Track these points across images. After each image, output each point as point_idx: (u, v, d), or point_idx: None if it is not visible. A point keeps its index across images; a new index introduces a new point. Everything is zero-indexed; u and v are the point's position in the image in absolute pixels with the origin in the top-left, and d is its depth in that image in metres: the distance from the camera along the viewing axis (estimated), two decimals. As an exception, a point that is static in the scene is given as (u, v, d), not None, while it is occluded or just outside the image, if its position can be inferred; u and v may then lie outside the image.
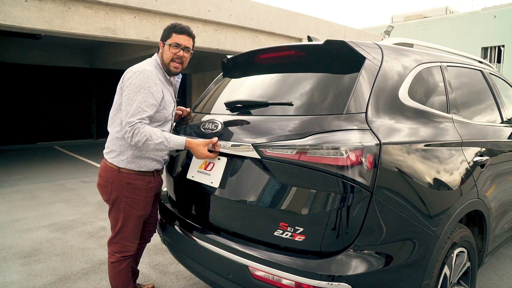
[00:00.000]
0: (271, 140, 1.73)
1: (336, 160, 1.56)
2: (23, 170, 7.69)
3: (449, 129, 2.12)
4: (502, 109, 2.90)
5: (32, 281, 2.95)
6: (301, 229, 1.62)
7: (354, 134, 1.60)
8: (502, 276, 3.09)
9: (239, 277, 1.77)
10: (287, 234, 1.65)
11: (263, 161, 1.75)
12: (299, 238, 1.62)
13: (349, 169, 1.55)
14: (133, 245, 2.26)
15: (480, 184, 2.23)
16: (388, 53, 1.97)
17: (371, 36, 13.20)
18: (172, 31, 2.14)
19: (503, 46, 19.50)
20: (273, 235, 1.69)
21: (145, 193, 2.19)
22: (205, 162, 2.08)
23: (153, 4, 7.40)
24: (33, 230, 4.11)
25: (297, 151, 1.64)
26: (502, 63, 19.46)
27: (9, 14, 5.89)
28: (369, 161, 1.57)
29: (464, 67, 2.66)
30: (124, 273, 2.26)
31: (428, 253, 1.78)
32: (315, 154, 1.60)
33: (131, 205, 2.16)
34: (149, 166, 2.17)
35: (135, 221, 2.21)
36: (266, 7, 9.72)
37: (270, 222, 1.71)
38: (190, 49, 2.19)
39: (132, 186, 2.14)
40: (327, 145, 1.59)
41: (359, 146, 1.57)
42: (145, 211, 2.24)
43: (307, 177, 1.63)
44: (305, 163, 1.62)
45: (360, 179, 1.55)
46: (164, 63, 2.16)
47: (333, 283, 1.51)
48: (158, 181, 2.30)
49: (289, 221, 1.65)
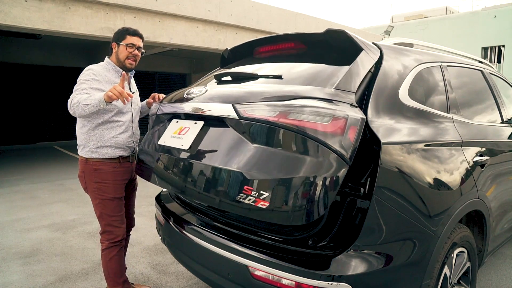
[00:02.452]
0: (253, 102, 1.71)
1: (319, 126, 1.53)
2: (23, 170, 7.69)
3: (449, 129, 2.12)
4: (502, 109, 2.90)
5: (32, 281, 2.95)
6: (266, 194, 1.50)
7: (340, 104, 1.59)
8: (502, 276, 3.09)
9: (239, 277, 1.77)
10: (249, 199, 1.53)
11: (240, 121, 1.70)
12: (262, 204, 1.50)
13: (330, 136, 1.51)
14: (118, 229, 2.44)
15: (480, 184, 2.22)
16: (388, 53, 1.97)
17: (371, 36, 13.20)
18: (126, 33, 2.43)
19: (503, 46, 19.49)
20: (235, 199, 1.57)
21: (112, 177, 2.40)
22: (180, 128, 2.05)
23: (153, 4, 7.40)
24: (33, 230, 4.11)
25: (279, 113, 1.59)
26: (502, 63, 19.46)
27: (9, 14, 5.89)
28: (352, 132, 1.54)
29: (464, 67, 2.66)
30: (115, 261, 2.42)
31: (428, 253, 1.78)
32: (297, 118, 1.56)
33: (102, 189, 2.38)
34: (112, 153, 2.40)
35: (111, 205, 2.40)
36: (266, 7, 9.72)
37: (235, 185, 1.60)
38: (141, 48, 2.49)
39: (99, 171, 2.38)
40: (311, 109, 1.56)
41: (343, 116, 1.55)
42: (116, 194, 2.42)
43: (283, 140, 1.58)
44: (285, 125, 1.57)
45: (340, 149, 1.50)
46: (120, 61, 2.44)
47: (333, 283, 1.51)
48: (126, 167, 2.49)
49: (255, 185, 1.54)
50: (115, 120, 2.39)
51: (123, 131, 2.43)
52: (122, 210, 2.48)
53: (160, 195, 2.68)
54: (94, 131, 2.37)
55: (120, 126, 2.42)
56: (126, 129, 2.45)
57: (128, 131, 2.46)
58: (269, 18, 9.68)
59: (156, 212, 2.57)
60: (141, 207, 4.95)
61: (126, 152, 2.47)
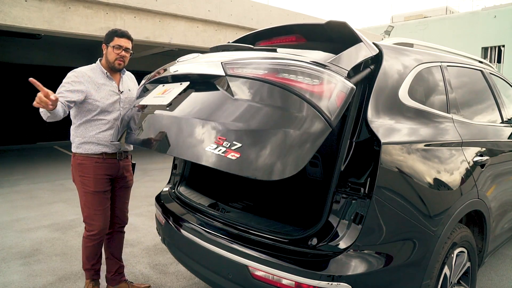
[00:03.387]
0: (243, 62, 1.69)
1: (307, 86, 1.51)
2: (23, 170, 7.69)
3: (449, 129, 2.12)
4: (502, 109, 2.90)
5: (32, 281, 2.95)
6: (238, 145, 1.43)
7: (332, 72, 1.57)
8: (502, 276, 3.09)
9: (239, 277, 1.77)
10: (220, 150, 1.45)
11: (225, 78, 1.67)
12: (233, 155, 1.42)
13: (317, 97, 1.48)
14: (96, 223, 2.54)
15: (480, 184, 2.23)
16: (388, 53, 1.97)
17: (371, 36, 13.19)
18: (114, 35, 2.52)
19: (503, 46, 19.48)
20: (204, 150, 1.49)
21: (93, 171, 2.51)
22: (165, 90, 2.02)
23: (153, 4, 7.40)
24: (33, 230, 4.11)
25: (268, 71, 1.57)
26: (502, 63, 19.45)
27: (9, 14, 5.89)
28: (339, 99, 1.52)
29: (464, 67, 2.66)
30: (90, 250, 2.59)
31: (428, 253, 1.78)
32: (286, 76, 1.53)
33: (84, 183, 2.52)
34: (95, 150, 2.52)
35: (92, 198, 2.52)
36: (266, 7, 9.72)
37: (207, 136, 1.54)
38: (129, 49, 2.59)
39: (82, 166, 2.53)
40: (302, 70, 1.54)
41: (333, 81, 1.54)
42: (97, 188, 2.52)
43: (268, 96, 1.53)
44: (273, 82, 1.53)
45: (325, 110, 1.47)
46: (109, 62, 2.55)
47: (333, 283, 1.51)
48: (108, 163, 2.56)
49: (228, 135, 1.48)
50: (99, 119, 2.52)
51: (106, 128, 2.53)
52: (104, 205, 2.57)
53: (160, 195, 2.68)
54: (79, 129, 2.54)
55: (104, 124, 2.53)
56: (111, 127, 2.54)
57: (112, 130, 2.55)
58: (269, 18, 9.68)
59: (156, 212, 2.58)
60: (141, 207, 4.95)
61: (110, 149, 2.56)
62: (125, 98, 2.63)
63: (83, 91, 2.43)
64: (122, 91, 2.62)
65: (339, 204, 1.65)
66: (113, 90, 2.57)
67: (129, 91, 2.68)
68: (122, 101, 2.61)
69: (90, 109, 2.50)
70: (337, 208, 1.64)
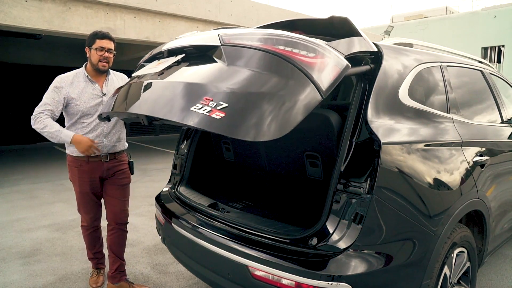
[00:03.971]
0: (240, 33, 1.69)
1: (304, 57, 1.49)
2: (23, 170, 7.69)
3: (449, 129, 2.12)
4: (502, 109, 2.90)
5: (32, 281, 2.95)
6: (224, 105, 1.39)
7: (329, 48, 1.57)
8: (502, 276, 3.09)
9: (239, 277, 1.77)
10: (205, 109, 1.41)
11: (221, 47, 1.66)
12: (217, 115, 1.38)
13: (312, 67, 1.47)
14: (87, 217, 2.77)
15: (480, 184, 2.23)
16: (388, 53, 1.97)
17: (371, 36, 13.19)
18: (96, 37, 2.56)
19: (503, 46, 19.48)
20: (189, 110, 1.45)
21: (78, 173, 2.64)
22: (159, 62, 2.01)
23: (153, 4, 7.40)
24: (33, 230, 4.11)
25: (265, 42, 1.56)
26: (502, 63, 19.45)
27: (9, 14, 5.89)
28: (333, 72, 1.50)
29: (464, 67, 2.66)
30: (87, 239, 2.85)
31: (428, 253, 1.78)
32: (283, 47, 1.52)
33: (73, 182, 2.71)
34: (77, 152, 2.57)
35: (79, 197, 2.71)
36: (266, 7, 9.72)
37: (194, 97, 1.50)
38: (112, 50, 2.62)
39: (70, 167, 2.69)
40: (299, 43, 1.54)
41: (329, 55, 1.53)
42: (82, 189, 2.66)
43: (261, 63, 1.52)
44: (269, 50, 1.52)
45: (317, 80, 1.45)
46: (93, 64, 2.60)
47: (333, 283, 1.51)
48: (94, 166, 2.63)
49: (216, 96, 1.45)
50: (81, 121, 2.59)
51: (88, 131, 2.58)
52: (90, 203, 2.73)
53: (160, 195, 2.69)
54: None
55: (86, 127, 2.58)
56: (93, 129, 2.59)
57: (95, 131, 2.60)
58: (269, 18, 9.68)
59: (156, 212, 2.58)
60: (141, 207, 4.95)
61: None
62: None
63: (64, 97, 2.53)
64: (105, 94, 2.63)
65: (339, 204, 1.65)
66: (96, 93, 2.61)
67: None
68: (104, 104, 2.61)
69: (72, 113, 2.57)
70: (337, 208, 1.64)
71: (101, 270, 2.94)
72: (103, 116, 2.23)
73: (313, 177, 2.17)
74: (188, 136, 2.78)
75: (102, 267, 2.96)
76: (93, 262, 2.92)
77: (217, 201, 2.35)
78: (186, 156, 2.70)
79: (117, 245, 2.79)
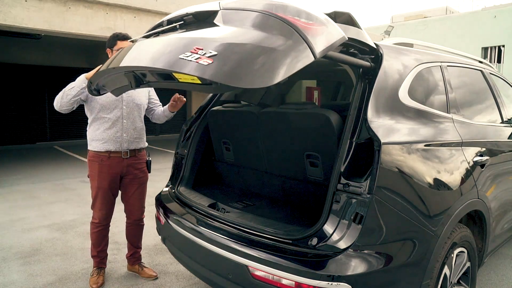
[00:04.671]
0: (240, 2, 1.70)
1: (302, 22, 1.48)
2: (23, 170, 7.69)
3: (449, 129, 2.12)
4: (502, 109, 2.90)
5: (32, 281, 2.95)
6: (214, 53, 1.38)
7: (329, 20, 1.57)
8: (502, 276, 3.09)
9: (239, 277, 1.77)
10: (193, 57, 1.40)
11: (218, 11, 1.68)
12: (205, 61, 1.36)
13: (309, 31, 1.46)
14: (99, 214, 2.80)
15: (480, 184, 2.23)
16: (388, 53, 1.97)
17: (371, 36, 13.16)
18: (117, 39, 2.69)
19: (503, 46, 19.47)
20: (177, 58, 1.44)
21: (98, 168, 2.71)
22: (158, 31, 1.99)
23: (153, 4, 7.40)
24: (33, 230, 4.11)
25: (265, 7, 1.56)
26: (502, 63, 19.44)
27: (9, 14, 5.89)
28: (330, 39, 1.50)
29: (464, 67, 2.66)
30: (94, 236, 2.85)
31: (428, 253, 1.78)
32: (282, 13, 1.52)
33: (92, 177, 2.77)
34: (100, 147, 2.69)
35: (96, 192, 2.75)
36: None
37: (185, 47, 1.49)
38: None
39: (90, 162, 2.76)
40: (299, 10, 1.54)
41: (327, 24, 1.53)
42: (100, 184, 2.73)
43: (259, 23, 1.51)
44: (268, 13, 1.52)
45: (312, 41, 1.44)
46: None
47: (333, 283, 1.51)
48: (114, 162, 2.72)
49: (206, 45, 1.44)
50: (102, 116, 2.69)
51: (109, 126, 2.69)
52: (106, 200, 2.78)
53: (160, 195, 2.69)
54: (90, 127, 2.75)
55: (106, 122, 2.69)
56: (113, 124, 2.70)
57: (115, 126, 2.70)
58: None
59: (156, 212, 2.58)
60: (141, 207, 4.95)
61: (114, 147, 2.70)
62: (128, 97, 2.74)
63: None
64: None
65: (339, 204, 1.65)
66: None
67: (134, 90, 2.75)
68: (125, 99, 2.73)
69: (93, 107, 2.68)
70: (337, 208, 1.64)
71: (102, 270, 2.95)
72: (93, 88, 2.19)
73: (313, 177, 2.17)
74: (188, 136, 2.79)
75: (103, 266, 2.97)
76: (95, 260, 2.92)
77: (217, 201, 2.35)
78: (186, 156, 2.71)
79: (133, 236, 3.01)
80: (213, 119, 2.73)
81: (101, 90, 2.23)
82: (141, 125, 2.86)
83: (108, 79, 2.04)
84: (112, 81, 2.05)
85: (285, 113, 2.21)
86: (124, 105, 2.73)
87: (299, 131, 2.17)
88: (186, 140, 2.78)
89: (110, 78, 2.01)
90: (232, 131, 2.63)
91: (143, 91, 2.87)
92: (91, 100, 2.66)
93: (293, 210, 2.30)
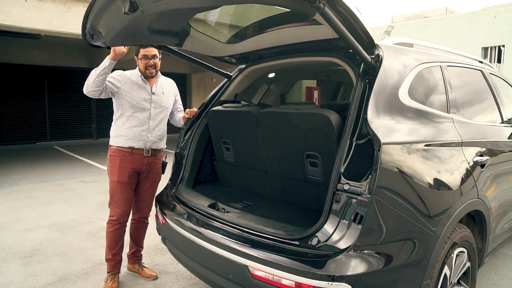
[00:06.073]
0: None
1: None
2: (23, 170, 7.69)
3: (449, 129, 2.12)
4: (502, 109, 2.90)
5: (32, 281, 2.95)
6: None
7: None
8: (502, 276, 3.09)
9: (239, 277, 1.77)
10: None
11: None
12: None
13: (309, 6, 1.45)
14: (117, 211, 2.80)
15: (480, 184, 2.22)
16: (388, 53, 1.97)
17: (371, 36, 13.17)
18: (140, 47, 2.79)
19: (503, 46, 19.47)
20: None
21: (120, 163, 2.77)
22: None
23: (153, 4, 7.38)
24: (33, 230, 4.11)
25: None
26: (502, 63, 19.43)
27: (9, 14, 5.89)
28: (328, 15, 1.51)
29: (464, 67, 2.66)
30: (111, 236, 2.83)
31: (428, 253, 1.78)
32: None
33: (111, 172, 2.80)
34: (123, 143, 2.77)
35: (115, 187, 2.78)
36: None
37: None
38: (156, 55, 2.81)
39: (112, 157, 2.81)
40: None
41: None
42: (120, 179, 2.76)
43: None
44: None
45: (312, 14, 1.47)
46: (141, 72, 2.84)
47: (333, 283, 1.51)
48: (136, 158, 2.79)
49: None
50: (129, 114, 2.80)
51: (136, 124, 2.79)
52: (125, 195, 2.80)
53: (160, 195, 2.69)
54: (115, 123, 2.84)
55: (134, 120, 2.79)
56: (141, 123, 2.80)
57: (143, 126, 2.80)
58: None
59: (156, 212, 2.58)
60: (141, 207, 4.95)
61: (137, 144, 2.78)
62: (156, 98, 2.88)
63: (119, 80, 2.76)
64: (154, 92, 2.86)
65: (339, 204, 1.65)
66: (145, 91, 2.84)
67: (163, 93, 2.92)
68: (154, 101, 2.86)
69: (123, 104, 2.79)
70: (337, 208, 1.64)
71: (116, 275, 2.85)
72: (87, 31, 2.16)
73: (313, 177, 2.17)
74: (187, 137, 2.79)
75: (117, 271, 2.87)
76: (110, 264, 2.84)
77: (217, 201, 2.35)
78: (186, 156, 2.71)
79: (137, 234, 3.04)
80: (213, 119, 2.74)
81: (96, 34, 2.18)
82: (165, 128, 2.96)
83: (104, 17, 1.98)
84: (106, 20, 1.99)
85: (285, 113, 2.21)
86: (152, 106, 2.84)
87: (299, 131, 2.16)
88: (186, 140, 2.79)
89: (105, 15, 1.95)
90: (232, 131, 2.64)
91: (170, 95, 2.99)
92: (122, 96, 2.76)
93: (293, 210, 2.30)
